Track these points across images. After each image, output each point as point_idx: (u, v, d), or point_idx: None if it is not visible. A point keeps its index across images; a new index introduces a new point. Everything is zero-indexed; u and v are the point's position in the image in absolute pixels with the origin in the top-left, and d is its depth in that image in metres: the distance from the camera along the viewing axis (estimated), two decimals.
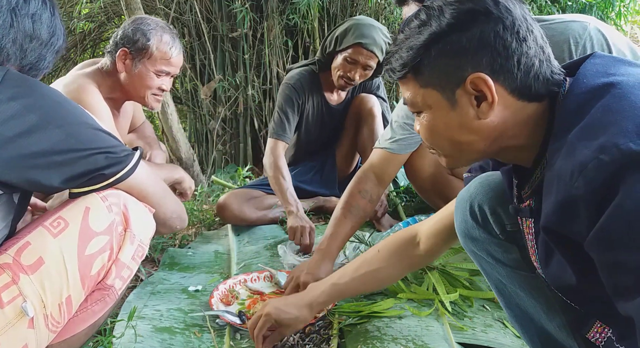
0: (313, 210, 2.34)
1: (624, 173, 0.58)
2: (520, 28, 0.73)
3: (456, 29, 0.74)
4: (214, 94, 3.66)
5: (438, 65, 0.76)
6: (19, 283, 0.86)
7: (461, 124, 0.78)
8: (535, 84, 0.75)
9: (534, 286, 0.96)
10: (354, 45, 2.11)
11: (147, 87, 1.64)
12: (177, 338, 1.31)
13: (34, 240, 0.90)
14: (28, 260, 0.87)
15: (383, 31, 2.16)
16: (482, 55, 0.73)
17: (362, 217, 1.58)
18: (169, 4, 3.50)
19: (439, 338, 1.25)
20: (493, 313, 1.39)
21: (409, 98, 0.82)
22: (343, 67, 2.16)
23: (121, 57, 1.61)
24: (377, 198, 1.61)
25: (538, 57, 0.75)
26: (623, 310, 0.64)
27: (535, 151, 0.78)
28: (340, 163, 2.50)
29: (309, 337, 1.32)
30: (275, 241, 2.02)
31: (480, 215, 0.97)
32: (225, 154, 3.73)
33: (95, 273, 0.96)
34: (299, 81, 2.32)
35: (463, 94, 0.76)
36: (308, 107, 2.36)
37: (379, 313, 1.35)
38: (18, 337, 0.85)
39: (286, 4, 3.40)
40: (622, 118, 0.62)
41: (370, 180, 1.59)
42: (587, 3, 3.66)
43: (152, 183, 1.13)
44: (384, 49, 2.14)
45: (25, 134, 0.87)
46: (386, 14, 3.79)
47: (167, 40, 1.63)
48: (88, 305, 1.00)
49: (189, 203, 2.38)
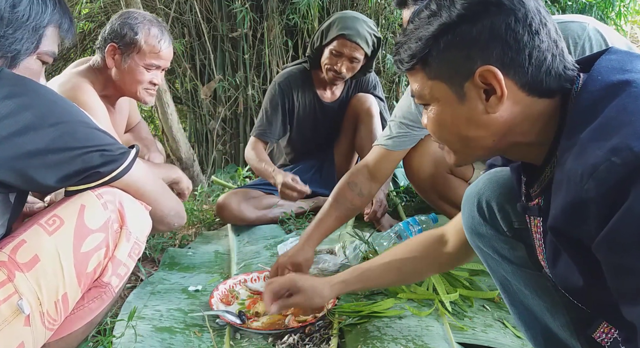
0: (313, 210, 2.34)
1: (636, 176, 0.57)
2: (533, 21, 0.71)
3: (466, 20, 0.72)
4: (214, 94, 3.66)
5: (447, 57, 0.74)
6: (14, 281, 0.85)
7: (469, 119, 0.76)
8: (546, 79, 0.73)
9: (539, 284, 0.95)
10: (337, 37, 2.12)
11: (138, 82, 1.62)
12: (177, 338, 1.31)
13: (30, 238, 0.89)
14: (23, 257, 0.87)
15: (368, 23, 2.16)
16: (492, 47, 0.71)
17: (348, 209, 1.59)
18: (169, 4, 3.50)
19: (439, 338, 1.25)
20: (493, 313, 1.39)
21: (417, 90, 0.81)
22: (329, 60, 2.18)
23: (110, 52, 1.59)
24: (368, 193, 1.61)
25: (551, 52, 0.72)
26: (627, 314, 0.63)
27: (545, 148, 0.76)
28: (339, 163, 2.50)
29: (309, 337, 1.32)
30: (275, 241, 2.02)
31: (487, 211, 0.97)
32: (225, 154, 3.73)
33: (91, 270, 0.95)
34: (286, 79, 2.35)
35: (472, 87, 0.74)
36: (298, 105, 2.36)
37: (379, 313, 1.35)
38: (14, 335, 0.85)
39: (286, 4, 3.40)
40: (637, 119, 0.60)
41: (362, 174, 1.60)
42: (587, 3, 3.66)
43: (149, 181, 1.12)
44: (370, 41, 2.15)
45: (20, 133, 0.86)
46: (386, 14, 3.78)
47: (155, 33, 1.61)
48: (85, 302, 1.00)
49: (188, 203, 2.38)
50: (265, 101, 2.39)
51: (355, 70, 2.22)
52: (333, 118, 2.41)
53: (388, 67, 3.83)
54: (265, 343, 1.31)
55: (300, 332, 1.33)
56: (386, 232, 1.88)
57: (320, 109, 2.39)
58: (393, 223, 2.09)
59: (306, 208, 2.33)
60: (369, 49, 2.18)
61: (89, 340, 1.27)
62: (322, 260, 1.70)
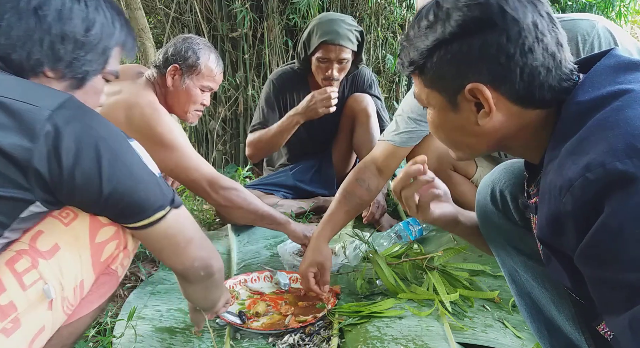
0: (313, 210, 2.34)
1: (609, 191, 0.59)
2: (527, 39, 0.72)
3: (459, 38, 0.74)
4: (214, 94, 3.66)
5: (440, 70, 0.77)
6: (38, 268, 0.87)
7: (462, 127, 0.80)
8: (539, 92, 0.74)
9: (546, 277, 0.96)
10: (319, 45, 2.12)
11: (193, 102, 1.74)
12: (177, 338, 1.31)
13: (47, 229, 0.91)
14: (44, 246, 0.89)
15: (346, 21, 2.15)
16: (483, 65, 0.73)
17: (358, 204, 1.60)
18: (169, 4, 3.50)
19: (439, 338, 1.25)
20: (493, 313, 1.39)
21: (417, 93, 0.85)
22: (319, 69, 2.18)
23: (171, 72, 1.69)
24: (376, 188, 1.62)
25: (546, 67, 0.73)
26: (608, 323, 0.65)
27: (542, 151, 0.78)
28: (337, 163, 2.50)
29: (309, 337, 1.32)
30: (275, 241, 2.02)
31: (501, 201, 0.98)
32: (225, 154, 3.73)
33: (104, 260, 0.98)
34: (280, 77, 2.36)
35: (464, 99, 0.77)
36: (293, 104, 2.35)
37: (379, 313, 1.35)
38: (38, 318, 0.87)
39: (286, 4, 3.40)
40: (614, 135, 0.61)
41: (369, 170, 1.60)
42: (587, 3, 3.66)
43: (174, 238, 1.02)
44: (353, 37, 2.14)
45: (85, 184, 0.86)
46: (386, 14, 3.78)
47: (214, 59, 1.76)
48: (94, 288, 1.02)
49: (189, 203, 2.38)
50: (261, 99, 2.41)
51: (347, 70, 2.23)
52: (329, 118, 2.39)
53: (388, 67, 3.83)
54: (265, 343, 1.31)
55: (300, 332, 1.33)
56: (386, 232, 1.89)
57: None
58: (393, 223, 2.09)
59: (306, 208, 2.33)
60: (355, 45, 2.18)
61: (89, 340, 1.27)
62: None
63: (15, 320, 0.83)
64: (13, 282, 0.84)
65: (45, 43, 0.89)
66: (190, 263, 1.03)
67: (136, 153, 0.92)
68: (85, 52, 0.94)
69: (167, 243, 0.99)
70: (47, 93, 0.86)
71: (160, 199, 0.94)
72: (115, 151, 0.88)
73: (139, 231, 0.97)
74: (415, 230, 1.86)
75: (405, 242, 1.83)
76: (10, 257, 0.86)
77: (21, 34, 0.88)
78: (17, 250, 0.87)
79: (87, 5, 0.93)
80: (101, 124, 0.88)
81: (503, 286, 1.53)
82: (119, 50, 1.02)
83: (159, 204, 0.94)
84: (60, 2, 0.90)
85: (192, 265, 1.03)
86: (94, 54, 0.95)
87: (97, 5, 0.95)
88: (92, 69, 0.96)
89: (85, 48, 0.93)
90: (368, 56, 3.78)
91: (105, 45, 0.97)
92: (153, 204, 0.93)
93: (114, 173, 0.87)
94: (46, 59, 0.90)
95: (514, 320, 1.36)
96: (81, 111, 0.86)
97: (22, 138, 0.79)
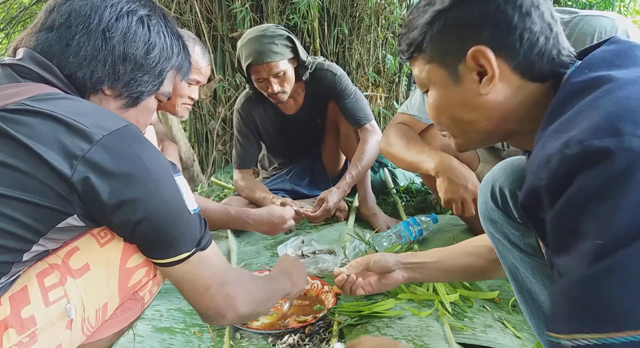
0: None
1: (582, 167, 0.58)
2: (524, 2, 0.73)
3: (458, 5, 0.75)
4: (214, 94, 3.66)
5: (440, 40, 0.78)
6: (65, 285, 0.87)
7: (464, 101, 0.79)
8: (539, 61, 0.74)
9: (546, 273, 0.96)
10: (248, 68, 2.08)
11: (179, 96, 1.70)
12: (177, 338, 1.31)
13: (83, 246, 0.91)
14: (76, 264, 0.89)
15: (266, 33, 2.04)
16: (483, 29, 0.74)
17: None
18: (169, 4, 3.50)
19: (439, 338, 1.25)
20: (493, 314, 1.39)
21: (417, 76, 0.84)
22: (261, 88, 2.15)
23: None
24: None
25: (544, 34, 0.74)
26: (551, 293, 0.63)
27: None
28: (327, 164, 2.55)
29: (309, 337, 1.32)
30: (275, 242, 2.02)
31: (500, 197, 0.98)
32: (225, 154, 3.73)
33: (132, 285, 0.97)
34: (244, 105, 2.38)
35: (465, 69, 0.77)
36: (263, 124, 2.39)
37: (379, 313, 1.35)
38: (55, 336, 0.87)
39: (286, 4, 3.40)
40: (599, 114, 0.60)
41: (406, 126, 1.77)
42: (587, 3, 3.66)
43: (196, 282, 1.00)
44: (279, 47, 2.04)
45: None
46: (386, 14, 3.78)
47: (199, 52, 1.71)
48: (118, 312, 1.01)
49: None
50: (234, 130, 2.42)
51: (290, 80, 2.12)
52: (303, 127, 2.38)
53: (388, 67, 3.83)
54: (265, 343, 1.31)
55: (300, 332, 1.33)
56: (386, 232, 1.89)
57: (287, 123, 2.37)
58: (393, 223, 2.09)
59: (308, 207, 2.33)
60: (285, 54, 2.06)
61: None
62: (322, 259, 1.70)
63: (33, 335, 0.83)
64: (38, 296, 0.85)
65: (108, 63, 0.93)
66: (204, 311, 1.01)
67: (178, 189, 0.91)
68: (143, 73, 0.98)
69: (185, 286, 0.98)
70: (107, 118, 0.87)
71: (187, 241, 0.92)
72: (157, 184, 0.87)
73: (160, 267, 0.96)
74: (415, 230, 1.87)
75: (405, 242, 1.83)
76: (42, 269, 0.87)
77: (88, 53, 0.91)
78: (50, 263, 0.88)
79: (150, 29, 0.97)
80: (150, 155, 0.87)
81: (503, 286, 1.53)
82: (174, 73, 1.06)
83: (183, 245, 0.92)
84: (127, 26, 0.94)
85: (205, 312, 1.02)
86: (150, 76, 0.99)
87: (159, 29, 0.99)
88: (147, 90, 1.00)
89: (143, 69, 0.97)
90: (368, 56, 3.78)
91: (162, 68, 1.01)
92: (177, 244, 0.92)
93: (149, 203, 0.86)
94: (107, 77, 0.94)
95: (514, 320, 1.36)
96: (132, 139, 0.86)
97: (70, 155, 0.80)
